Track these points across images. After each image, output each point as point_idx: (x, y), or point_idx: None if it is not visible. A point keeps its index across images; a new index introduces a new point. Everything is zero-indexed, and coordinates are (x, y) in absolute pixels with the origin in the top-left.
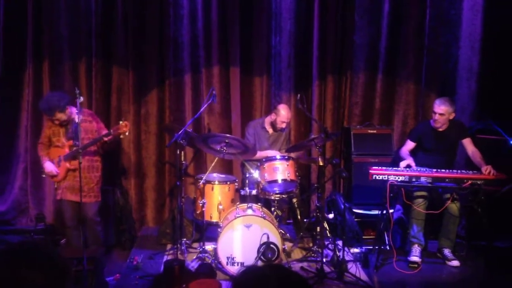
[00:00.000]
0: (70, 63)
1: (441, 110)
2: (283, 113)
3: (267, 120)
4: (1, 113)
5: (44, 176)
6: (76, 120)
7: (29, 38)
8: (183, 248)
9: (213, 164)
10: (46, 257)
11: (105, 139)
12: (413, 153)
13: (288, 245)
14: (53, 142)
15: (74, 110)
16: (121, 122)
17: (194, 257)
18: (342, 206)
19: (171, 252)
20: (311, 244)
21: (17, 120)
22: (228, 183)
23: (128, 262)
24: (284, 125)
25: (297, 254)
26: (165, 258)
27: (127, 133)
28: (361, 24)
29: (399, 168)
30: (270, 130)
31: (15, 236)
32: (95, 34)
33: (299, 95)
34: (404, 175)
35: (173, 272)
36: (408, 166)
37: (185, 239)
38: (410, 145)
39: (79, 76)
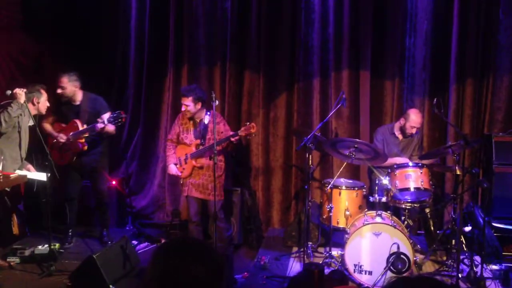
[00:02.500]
0: (206, 68)
1: None
2: (413, 118)
3: (397, 125)
4: (144, 116)
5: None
6: (205, 122)
7: (171, 46)
8: (308, 251)
9: (341, 169)
10: (208, 252)
11: (232, 139)
12: None
13: (419, 257)
14: (181, 140)
15: (205, 111)
16: (247, 123)
17: (320, 262)
18: (481, 219)
19: (296, 255)
20: (444, 258)
21: (157, 122)
22: (356, 188)
23: (256, 262)
24: (413, 131)
25: (429, 267)
26: (291, 260)
27: (254, 135)
28: (507, 22)
29: None
30: (400, 136)
31: (153, 230)
32: (230, 40)
33: (435, 99)
34: None
35: (313, 275)
36: None
37: (310, 243)
38: None
39: (214, 80)
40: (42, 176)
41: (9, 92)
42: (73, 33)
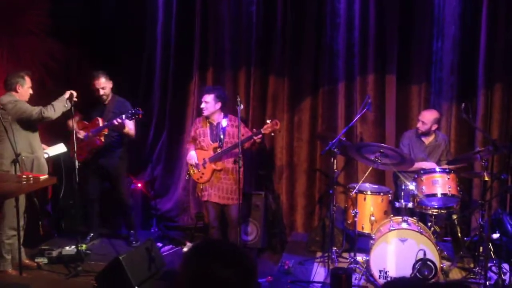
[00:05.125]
0: (231, 72)
1: None
2: (423, 112)
3: None
4: (169, 119)
5: (187, 177)
6: (223, 125)
7: (196, 51)
8: (333, 257)
9: (366, 174)
10: (238, 256)
11: (255, 138)
12: None
13: (446, 263)
14: (198, 143)
15: (222, 114)
16: (268, 121)
17: (345, 268)
18: (509, 226)
19: (321, 260)
20: (472, 265)
21: (182, 126)
22: (382, 194)
23: (280, 266)
24: (420, 126)
25: (456, 274)
26: (315, 265)
27: (278, 131)
28: None
29: None
30: (427, 141)
31: (177, 232)
32: (255, 44)
33: (463, 104)
34: None
35: (340, 280)
36: None
37: (335, 248)
38: None
39: (239, 84)
40: (61, 148)
41: (68, 94)
42: (100, 38)
